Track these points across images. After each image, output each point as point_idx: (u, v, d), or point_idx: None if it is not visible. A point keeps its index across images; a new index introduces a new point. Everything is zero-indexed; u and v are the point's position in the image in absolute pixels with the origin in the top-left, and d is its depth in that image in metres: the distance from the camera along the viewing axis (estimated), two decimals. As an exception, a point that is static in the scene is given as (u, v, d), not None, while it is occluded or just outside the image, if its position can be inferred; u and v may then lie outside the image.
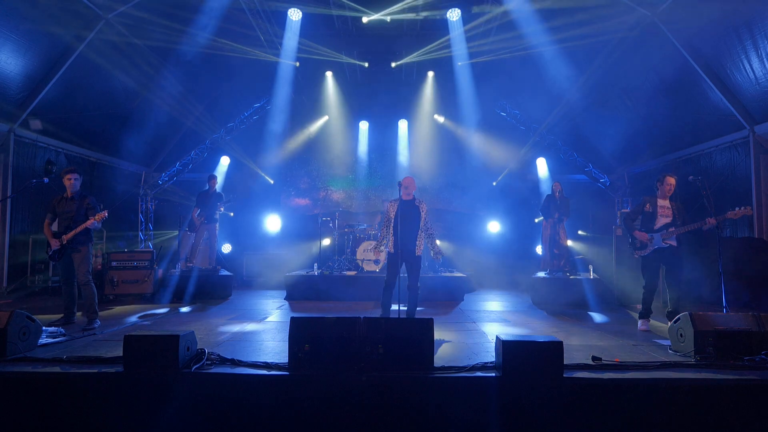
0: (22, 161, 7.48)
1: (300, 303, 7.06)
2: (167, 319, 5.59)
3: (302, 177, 11.11)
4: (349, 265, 8.15)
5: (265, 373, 3.17)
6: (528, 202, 10.60)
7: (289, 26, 8.47)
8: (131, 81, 8.47)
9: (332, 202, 10.94)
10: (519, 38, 8.06)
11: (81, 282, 4.92)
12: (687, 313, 3.66)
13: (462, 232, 10.51)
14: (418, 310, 5.57)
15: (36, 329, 3.80)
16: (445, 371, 3.18)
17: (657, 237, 4.94)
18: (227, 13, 7.63)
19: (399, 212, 4.93)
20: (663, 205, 5.03)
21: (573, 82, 8.77)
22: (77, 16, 6.83)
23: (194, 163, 10.27)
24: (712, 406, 2.99)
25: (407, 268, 5.07)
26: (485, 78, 9.53)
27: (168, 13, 7.39)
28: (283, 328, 4.83)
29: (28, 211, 7.69)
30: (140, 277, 7.10)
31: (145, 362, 3.08)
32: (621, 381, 3.07)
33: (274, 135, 10.43)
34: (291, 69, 9.47)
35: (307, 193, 11.04)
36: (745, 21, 5.97)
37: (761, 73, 6.24)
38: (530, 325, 5.40)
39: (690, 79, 7.26)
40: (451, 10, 8.22)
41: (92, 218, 4.81)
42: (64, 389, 3.12)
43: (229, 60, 8.83)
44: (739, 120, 6.92)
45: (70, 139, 8.30)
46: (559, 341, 3.07)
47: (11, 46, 6.45)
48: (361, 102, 10.86)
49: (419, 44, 9.06)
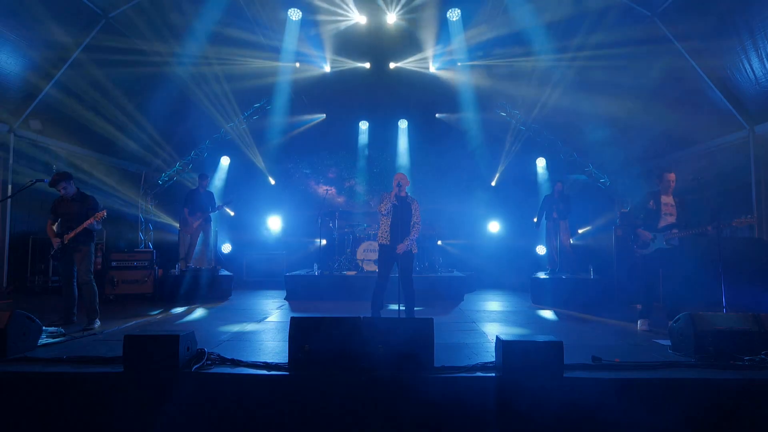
0: (22, 161, 7.48)
1: (300, 303, 7.06)
2: (167, 319, 5.59)
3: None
4: (349, 265, 8.14)
5: (265, 373, 3.17)
6: (528, 202, 10.59)
7: (289, 26, 8.48)
8: (131, 80, 8.46)
9: (333, 201, 10.94)
10: (518, 38, 8.08)
11: (82, 281, 4.93)
12: (687, 313, 3.66)
13: (462, 232, 10.51)
14: (418, 310, 5.59)
15: (36, 329, 3.80)
16: (445, 371, 3.17)
17: (660, 237, 4.93)
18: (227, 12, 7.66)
19: (393, 208, 5.04)
20: (667, 203, 4.99)
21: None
22: (77, 16, 6.83)
23: (194, 162, 10.28)
24: (712, 406, 2.99)
25: (399, 266, 5.13)
26: (485, 78, 9.54)
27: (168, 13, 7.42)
28: (283, 328, 4.83)
29: (28, 211, 7.69)
30: (140, 277, 7.10)
31: (145, 362, 3.08)
32: (621, 381, 3.06)
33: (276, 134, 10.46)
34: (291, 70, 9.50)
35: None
36: (745, 21, 5.97)
37: (761, 73, 6.24)
38: (530, 325, 5.39)
39: (690, 79, 7.26)
40: (451, 10, 8.22)
41: (91, 218, 4.82)
42: (64, 389, 3.11)
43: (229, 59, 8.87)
44: (739, 120, 6.92)
45: (70, 139, 8.30)
46: (559, 341, 3.06)
47: (11, 46, 6.44)
48: (362, 102, 10.85)
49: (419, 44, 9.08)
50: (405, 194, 5.15)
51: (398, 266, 5.14)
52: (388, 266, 5.18)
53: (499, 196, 10.68)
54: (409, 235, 5.08)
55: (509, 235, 10.57)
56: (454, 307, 6.70)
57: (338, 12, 8.20)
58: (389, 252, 5.10)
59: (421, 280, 7.10)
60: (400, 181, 5.08)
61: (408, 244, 5.06)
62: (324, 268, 8.11)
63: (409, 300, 5.08)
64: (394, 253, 5.06)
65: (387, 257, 5.15)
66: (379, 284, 5.17)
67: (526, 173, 10.83)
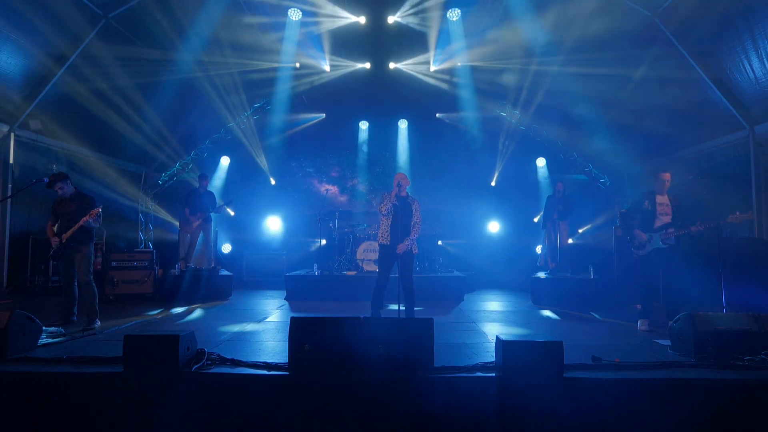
0: (22, 161, 7.47)
1: (300, 303, 7.06)
2: (167, 319, 5.59)
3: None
4: (349, 265, 8.14)
5: (265, 373, 3.17)
6: (528, 202, 10.60)
7: (289, 26, 8.48)
8: (131, 80, 8.46)
9: (334, 201, 10.94)
10: (518, 39, 8.07)
11: (81, 281, 4.93)
12: (687, 313, 3.66)
13: (462, 232, 10.51)
14: (418, 310, 5.59)
15: (36, 329, 3.80)
16: (445, 371, 3.17)
17: (656, 237, 4.93)
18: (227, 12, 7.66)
19: (394, 208, 5.03)
20: (662, 202, 4.99)
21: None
22: (77, 16, 6.82)
23: (194, 162, 10.27)
24: (712, 406, 2.99)
25: (400, 266, 5.13)
26: (485, 78, 9.54)
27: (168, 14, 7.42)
28: (283, 328, 4.83)
29: (28, 211, 7.69)
30: (140, 278, 7.09)
31: (145, 362, 3.07)
32: (621, 381, 3.06)
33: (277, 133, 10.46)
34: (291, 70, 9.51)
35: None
36: (745, 21, 5.97)
37: (761, 73, 6.24)
38: (530, 325, 5.39)
39: (690, 79, 7.26)
40: (451, 10, 8.22)
41: (86, 215, 4.81)
42: (64, 389, 3.11)
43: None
44: (739, 120, 6.92)
45: (70, 139, 8.30)
46: (559, 341, 3.06)
47: (11, 46, 6.44)
48: (362, 101, 10.85)
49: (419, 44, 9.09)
50: (405, 194, 5.15)
51: (398, 266, 5.14)
52: (389, 266, 5.19)
53: (499, 196, 10.67)
54: (410, 235, 5.08)
55: (509, 235, 10.57)
56: (454, 307, 6.70)
57: (338, 12, 8.20)
58: (389, 252, 5.11)
59: (421, 280, 7.09)
60: (400, 181, 5.08)
61: (408, 244, 5.06)
62: (324, 268, 8.11)
63: (409, 300, 5.08)
64: (395, 253, 5.06)
65: (387, 257, 5.15)
66: (379, 284, 5.18)
67: (526, 173, 10.83)
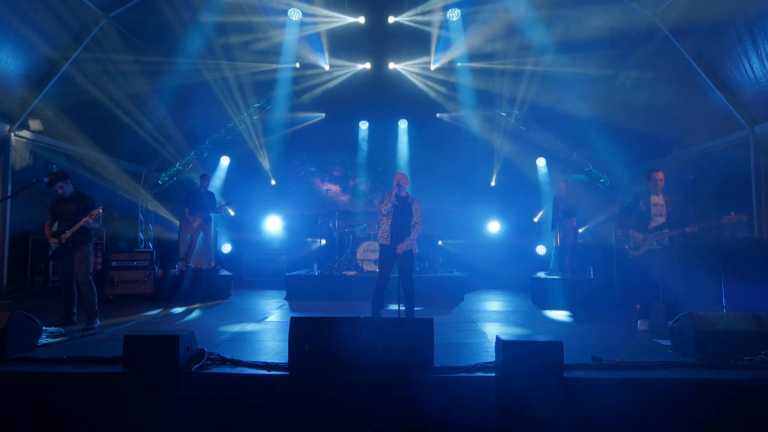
0: (22, 161, 7.47)
1: (300, 303, 7.06)
2: (167, 319, 5.59)
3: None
4: (349, 265, 8.15)
5: (265, 373, 3.17)
6: (528, 202, 10.59)
7: (289, 26, 8.48)
8: (131, 80, 8.46)
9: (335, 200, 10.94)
10: (518, 38, 8.07)
11: (81, 282, 4.92)
12: (687, 313, 3.66)
13: (462, 232, 10.51)
14: (418, 310, 5.59)
15: (36, 329, 3.80)
16: (445, 371, 3.17)
17: (650, 238, 4.93)
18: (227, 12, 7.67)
19: (394, 208, 5.03)
20: (656, 203, 4.99)
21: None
22: (77, 16, 6.82)
23: (194, 162, 10.27)
24: (712, 406, 2.99)
25: (400, 266, 5.13)
26: (485, 78, 9.54)
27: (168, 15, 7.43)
28: (283, 328, 4.83)
29: (28, 211, 7.69)
30: (140, 278, 7.09)
31: (145, 362, 3.08)
32: (621, 381, 3.06)
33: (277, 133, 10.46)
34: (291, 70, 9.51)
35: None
36: (745, 21, 5.96)
37: (761, 73, 6.24)
38: (530, 325, 5.40)
39: (690, 79, 7.26)
40: (451, 11, 8.22)
41: (87, 216, 4.81)
42: (64, 389, 3.12)
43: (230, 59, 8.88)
44: (739, 120, 6.92)
45: (70, 139, 8.30)
46: (559, 341, 3.06)
47: (11, 46, 6.44)
48: (362, 101, 10.86)
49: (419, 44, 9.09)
50: (405, 194, 5.14)
51: (398, 266, 5.13)
52: (389, 266, 5.18)
53: (499, 196, 10.67)
54: (410, 235, 5.08)
55: (509, 235, 10.56)
56: (454, 307, 6.70)
57: (338, 12, 8.20)
58: (389, 252, 5.11)
59: (421, 280, 7.09)
60: (400, 180, 5.08)
61: (408, 244, 5.06)
62: (324, 268, 8.11)
63: (410, 300, 5.08)
64: (395, 253, 5.06)
65: (387, 257, 5.15)
66: (380, 284, 5.18)
67: (526, 173, 10.82)
